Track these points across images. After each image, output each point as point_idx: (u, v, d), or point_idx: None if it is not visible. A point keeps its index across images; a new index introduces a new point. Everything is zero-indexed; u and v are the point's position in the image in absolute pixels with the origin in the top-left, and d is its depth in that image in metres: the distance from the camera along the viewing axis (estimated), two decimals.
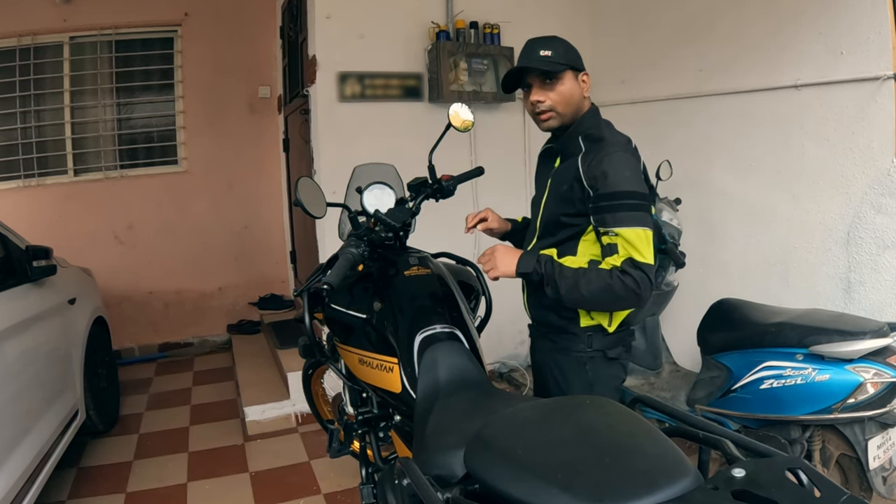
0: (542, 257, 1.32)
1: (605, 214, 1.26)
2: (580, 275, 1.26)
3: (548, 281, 1.29)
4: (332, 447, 1.74)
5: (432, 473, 0.89)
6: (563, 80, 1.33)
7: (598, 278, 1.25)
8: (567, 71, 1.33)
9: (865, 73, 1.94)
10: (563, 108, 1.34)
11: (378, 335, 1.33)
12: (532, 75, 1.35)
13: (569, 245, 1.36)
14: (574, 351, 1.38)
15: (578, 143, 1.35)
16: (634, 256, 1.24)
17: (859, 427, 1.62)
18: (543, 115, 1.36)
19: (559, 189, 1.37)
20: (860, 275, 2.02)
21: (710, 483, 0.71)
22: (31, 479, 1.85)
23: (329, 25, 2.76)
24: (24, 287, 2.14)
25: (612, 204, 1.25)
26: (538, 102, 1.35)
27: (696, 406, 1.91)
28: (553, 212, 1.38)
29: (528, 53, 1.34)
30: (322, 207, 1.44)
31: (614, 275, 1.24)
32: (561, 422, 0.90)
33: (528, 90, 1.37)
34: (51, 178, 3.75)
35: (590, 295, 1.25)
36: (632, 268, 1.23)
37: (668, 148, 2.51)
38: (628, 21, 2.96)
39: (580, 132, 1.36)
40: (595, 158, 1.29)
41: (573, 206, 1.33)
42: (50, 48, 3.66)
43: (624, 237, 1.24)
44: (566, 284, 1.26)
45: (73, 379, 2.41)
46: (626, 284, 1.23)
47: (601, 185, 1.26)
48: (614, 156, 1.28)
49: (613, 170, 1.26)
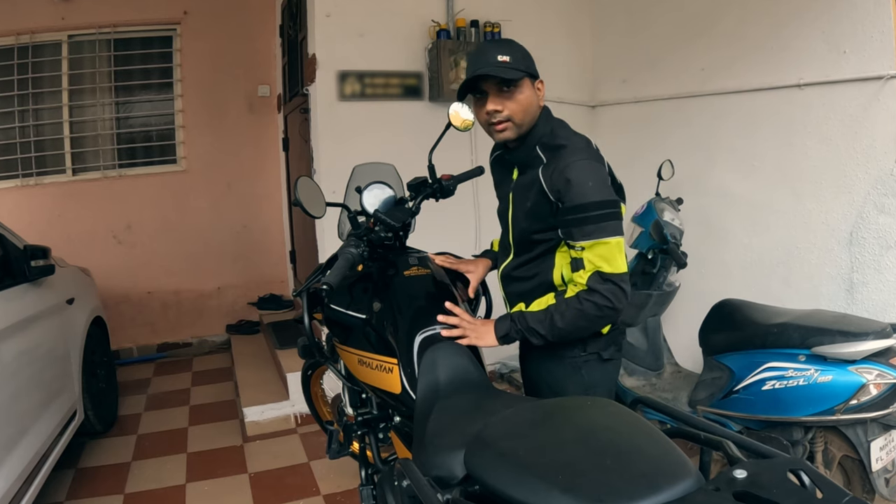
0: (513, 315, 1.29)
1: (571, 229, 1.22)
2: (552, 312, 1.23)
3: (528, 333, 1.26)
4: (332, 448, 1.73)
5: (432, 474, 0.89)
6: (521, 89, 1.25)
7: (568, 308, 1.22)
8: (525, 78, 1.25)
9: (868, 73, 1.93)
10: (520, 117, 1.26)
11: (377, 336, 1.32)
12: (488, 83, 1.25)
13: (545, 259, 1.32)
14: (568, 356, 1.33)
15: (537, 154, 1.29)
16: (602, 269, 1.20)
17: (862, 428, 1.61)
18: (499, 125, 1.27)
19: (524, 205, 1.31)
20: (863, 275, 2.01)
21: (712, 484, 0.70)
22: (28, 479, 1.84)
23: (329, 24, 2.75)
24: (22, 287, 2.13)
25: (578, 217, 1.20)
26: (495, 112, 1.25)
27: (697, 407, 1.91)
28: (523, 229, 1.33)
29: (483, 58, 1.24)
30: (321, 207, 1.43)
31: (582, 299, 1.21)
32: (562, 423, 0.90)
33: (482, 98, 1.27)
34: (49, 177, 3.74)
35: (568, 326, 1.22)
36: (599, 283, 1.20)
37: (669, 147, 2.51)
38: (630, 20, 2.95)
39: (536, 141, 1.30)
40: (556, 170, 1.23)
41: (543, 222, 1.28)
42: (48, 47, 3.66)
43: (592, 251, 1.20)
44: (544, 328, 1.24)
45: (71, 379, 2.40)
46: (597, 303, 1.20)
47: (564, 198, 1.21)
48: (575, 165, 1.22)
49: (576, 181, 1.20)
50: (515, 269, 1.39)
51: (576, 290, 1.23)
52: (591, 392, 1.35)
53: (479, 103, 1.29)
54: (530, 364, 1.44)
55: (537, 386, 1.43)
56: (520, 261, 1.38)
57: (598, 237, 1.19)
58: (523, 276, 1.37)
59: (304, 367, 1.99)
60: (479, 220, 3.06)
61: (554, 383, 1.37)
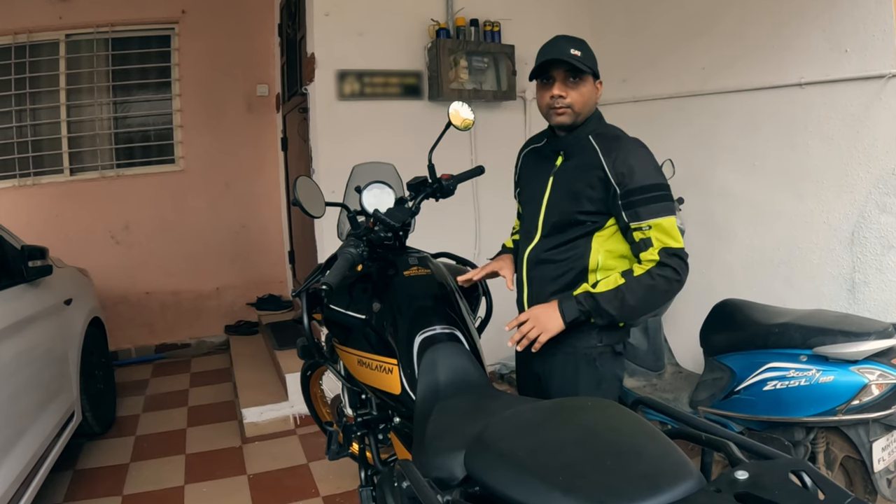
0: (579, 297, 1.32)
1: (637, 208, 1.29)
2: (623, 291, 1.28)
3: (596, 314, 1.31)
4: (331, 449, 1.72)
5: (432, 476, 0.89)
6: (586, 82, 1.36)
7: (639, 285, 1.28)
8: (590, 75, 1.36)
9: (870, 72, 1.92)
10: (579, 108, 1.36)
11: (377, 336, 1.32)
12: (558, 69, 1.35)
13: (579, 243, 1.37)
14: (584, 347, 1.36)
15: (589, 143, 1.37)
16: (669, 244, 1.28)
17: (864, 429, 1.60)
18: (560, 109, 1.36)
19: (570, 187, 1.37)
20: (865, 275, 2.01)
21: (713, 485, 0.70)
22: (26, 481, 1.83)
23: (328, 23, 2.74)
24: (20, 287, 2.12)
25: (645, 197, 1.28)
26: (559, 97, 1.35)
27: (698, 408, 1.90)
28: (565, 211, 1.37)
29: (557, 48, 1.34)
30: (321, 207, 1.43)
31: (654, 274, 1.27)
32: (562, 424, 0.90)
33: (548, 83, 1.37)
34: (46, 177, 3.73)
35: (639, 303, 1.28)
36: (668, 257, 1.27)
37: (670, 147, 2.50)
38: (630, 18, 2.95)
39: (588, 132, 1.38)
40: (619, 156, 1.32)
41: (592, 204, 1.34)
42: (46, 46, 3.64)
43: (659, 227, 1.28)
44: (615, 307, 1.28)
45: (69, 380, 2.39)
46: (668, 277, 1.27)
47: (629, 181, 1.29)
48: (639, 151, 1.33)
49: (641, 164, 1.30)
50: (546, 252, 1.41)
51: (647, 268, 1.28)
52: (602, 386, 1.37)
53: (545, 87, 1.38)
54: (535, 359, 1.43)
55: (545, 382, 1.43)
56: (551, 243, 1.40)
57: (663, 215, 1.28)
58: (554, 259, 1.39)
59: (304, 368, 1.98)
60: (479, 220, 3.05)
61: (566, 377, 1.38)
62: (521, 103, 3.09)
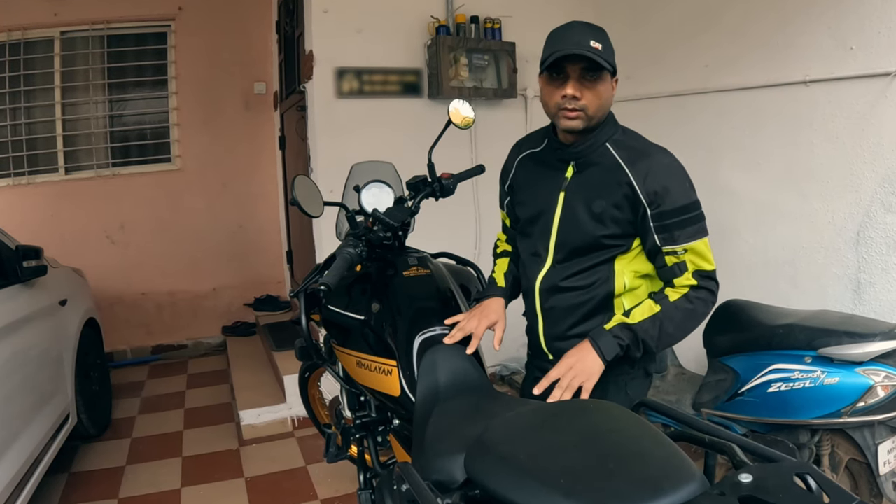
0: (614, 330, 1.18)
1: (673, 232, 1.17)
2: (661, 319, 1.17)
3: (634, 347, 1.18)
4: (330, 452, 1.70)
5: (432, 479, 0.89)
6: (604, 81, 1.17)
7: (677, 311, 1.18)
8: (608, 73, 1.17)
9: (876, 69, 1.90)
10: (594, 110, 1.17)
11: (376, 337, 1.31)
12: (573, 65, 1.15)
13: (602, 268, 1.24)
14: (615, 374, 1.22)
15: (608, 152, 1.21)
16: (703, 268, 1.19)
17: (869, 431, 1.59)
18: (572, 112, 1.17)
19: (592, 206, 1.21)
20: (870, 275, 1.99)
21: (717, 489, 0.69)
22: (21, 485, 1.82)
23: (326, 20, 2.72)
24: (14, 288, 2.11)
25: (683, 219, 1.17)
26: (573, 98, 1.15)
27: (701, 410, 1.89)
28: (587, 233, 1.22)
29: (574, 38, 1.13)
30: (319, 206, 1.42)
31: (692, 298, 1.18)
32: (564, 426, 0.89)
33: (560, 79, 1.17)
34: (41, 176, 3.70)
35: (677, 330, 1.19)
36: (703, 279, 1.19)
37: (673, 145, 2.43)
38: (632, 15, 2.93)
39: (605, 139, 1.22)
40: (652, 171, 1.17)
41: (619, 227, 1.20)
42: (40, 43, 3.61)
43: (694, 251, 1.18)
44: (652, 337, 1.17)
45: (64, 382, 2.37)
46: (705, 300, 1.19)
47: (664, 201, 1.15)
48: (672, 167, 1.19)
49: (676, 182, 1.17)
50: (564, 280, 1.26)
51: (683, 292, 1.19)
52: None
53: (555, 84, 1.18)
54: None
55: None
56: (569, 270, 1.25)
57: (700, 237, 1.18)
58: (576, 287, 1.25)
59: (302, 370, 1.97)
60: (479, 220, 3.05)
61: None
62: (522, 101, 3.08)
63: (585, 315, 1.25)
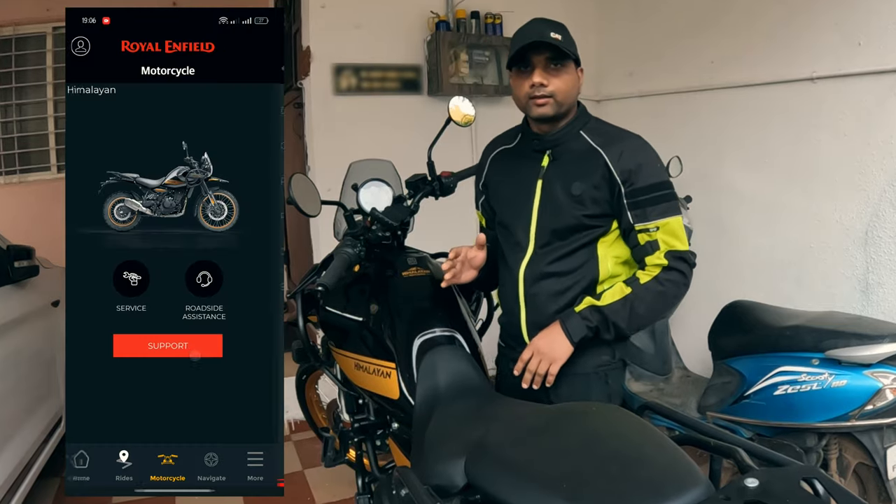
0: (584, 312, 1.21)
1: (646, 208, 1.21)
2: (632, 300, 1.20)
3: (604, 329, 1.21)
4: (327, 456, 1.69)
5: (431, 483, 0.88)
6: (568, 69, 1.26)
7: (648, 293, 1.20)
8: (571, 62, 1.27)
9: (884, 65, 1.89)
10: (562, 97, 1.25)
11: (375, 339, 1.30)
12: (538, 55, 1.24)
13: (585, 251, 1.26)
14: (594, 365, 1.27)
15: (583, 139, 1.27)
16: (675, 247, 1.21)
17: (878, 435, 1.58)
18: (541, 99, 1.25)
19: (570, 188, 1.26)
20: (879, 276, 1.98)
21: (722, 493, 0.69)
22: (12, 489, 1.79)
23: (324, 15, 2.71)
24: (5, 289, 2.07)
25: (654, 196, 1.21)
26: (540, 85, 1.23)
27: (707, 413, 1.87)
28: (568, 214, 1.25)
29: (536, 31, 1.24)
30: (316, 205, 1.41)
31: (661, 280, 1.21)
32: (566, 430, 0.89)
33: (527, 70, 1.25)
34: (33, 174, 3.69)
35: (648, 312, 1.22)
36: (675, 260, 1.21)
37: (677, 143, 2.48)
38: (636, 10, 2.91)
39: (580, 127, 1.29)
40: (624, 152, 1.23)
41: (599, 206, 1.24)
42: (32, 39, 3.60)
43: (666, 228, 1.21)
44: (623, 319, 1.20)
45: (56, 385, 2.34)
46: (676, 282, 1.21)
47: (636, 179, 1.21)
48: (644, 147, 1.25)
49: (648, 161, 1.23)
50: (548, 265, 1.27)
51: (653, 273, 1.22)
52: (612, 401, 1.31)
53: (523, 76, 1.26)
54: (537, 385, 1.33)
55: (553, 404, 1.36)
56: (552, 255, 1.27)
57: (671, 214, 1.22)
58: (560, 272, 1.27)
59: (299, 372, 1.96)
60: None
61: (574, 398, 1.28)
62: None
63: (570, 302, 1.26)
